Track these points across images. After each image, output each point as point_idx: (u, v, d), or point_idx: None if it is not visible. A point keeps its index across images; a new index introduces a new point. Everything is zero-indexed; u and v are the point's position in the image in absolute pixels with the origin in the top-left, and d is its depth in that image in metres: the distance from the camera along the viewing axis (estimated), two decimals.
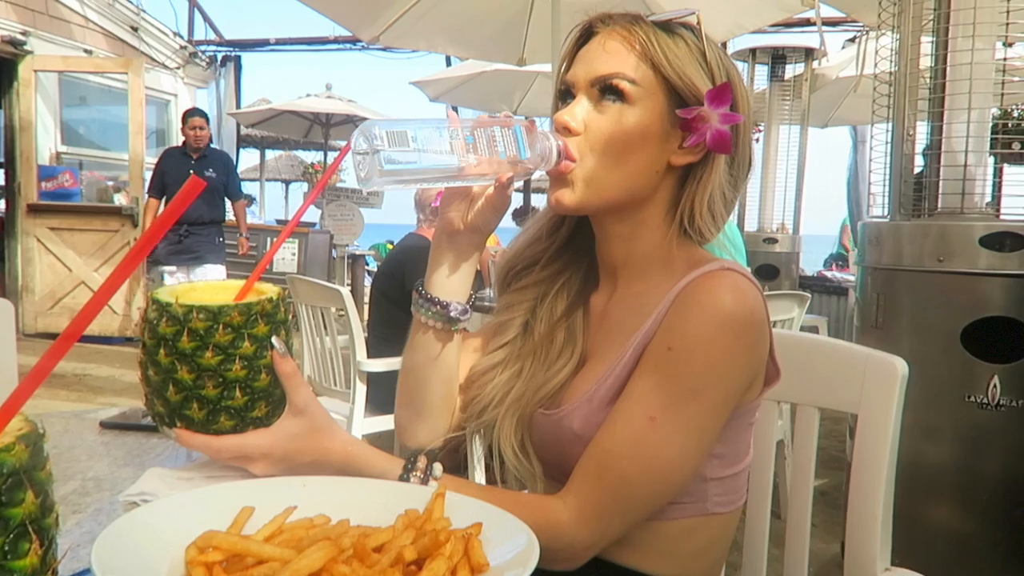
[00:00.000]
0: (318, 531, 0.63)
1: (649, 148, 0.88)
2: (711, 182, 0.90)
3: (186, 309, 0.75)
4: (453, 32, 4.72)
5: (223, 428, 0.79)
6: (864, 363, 1.10)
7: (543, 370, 0.96)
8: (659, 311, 0.87)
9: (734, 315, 0.83)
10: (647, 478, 0.84)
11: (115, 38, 7.86)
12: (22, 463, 0.43)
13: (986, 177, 2.21)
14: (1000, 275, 2.04)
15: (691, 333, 0.83)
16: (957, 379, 2.07)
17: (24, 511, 0.43)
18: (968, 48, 2.11)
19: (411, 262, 2.95)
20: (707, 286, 0.84)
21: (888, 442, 1.06)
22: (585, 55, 0.91)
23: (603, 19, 0.93)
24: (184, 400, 0.77)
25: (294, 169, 14.67)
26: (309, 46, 11.05)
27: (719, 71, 0.89)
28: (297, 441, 0.81)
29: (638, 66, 0.87)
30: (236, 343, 0.76)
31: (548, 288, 1.01)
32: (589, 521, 0.83)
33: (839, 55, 6.48)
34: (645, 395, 0.83)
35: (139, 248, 0.48)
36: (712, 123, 0.86)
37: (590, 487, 0.83)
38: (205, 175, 5.45)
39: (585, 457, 0.85)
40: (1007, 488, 2.09)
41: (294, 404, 0.82)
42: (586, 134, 0.88)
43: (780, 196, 5.56)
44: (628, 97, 0.87)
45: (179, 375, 0.76)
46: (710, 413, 0.84)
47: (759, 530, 1.19)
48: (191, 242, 5.57)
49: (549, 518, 0.81)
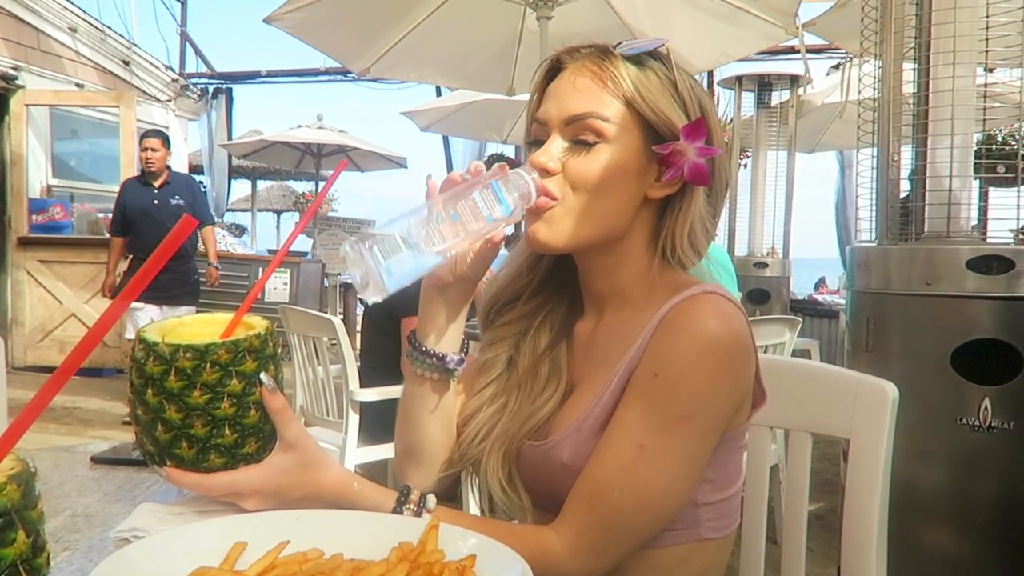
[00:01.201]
0: (311, 565, 0.63)
1: (627, 184, 0.88)
2: (691, 213, 0.90)
3: (172, 348, 0.75)
4: (443, 63, 4.77)
5: (213, 466, 0.78)
6: (855, 388, 1.11)
7: (529, 403, 0.96)
8: (643, 337, 0.87)
9: (719, 340, 0.83)
10: (639, 507, 0.84)
11: (106, 72, 7.91)
12: (14, 503, 0.43)
13: (971, 201, 2.23)
14: (988, 297, 2.05)
15: (677, 360, 0.83)
16: (948, 402, 2.08)
17: (15, 551, 0.43)
18: (949, 75, 2.15)
19: (399, 292, 2.93)
20: (691, 311, 0.85)
21: (880, 466, 1.06)
22: (556, 92, 0.90)
23: (571, 53, 0.92)
24: (173, 439, 0.76)
25: (285, 199, 14.72)
26: (300, 77, 11.13)
27: (691, 101, 0.90)
28: (288, 476, 0.81)
29: (611, 104, 0.87)
30: (224, 381, 0.76)
31: (530, 322, 1.01)
32: (583, 552, 0.82)
33: (824, 82, 6.56)
34: (633, 423, 0.84)
35: (131, 288, 0.49)
36: (689, 156, 0.87)
37: (583, 518, 0.83)
38: (171, 204, 5.06)
39: (577, 488, 0.85)
40: (1002, 511, 2.08)
41: (285, 439, 0.81)
42: (564, 173, 0.88)
43: (769, 221, 5.61)
44: (603, 136, 0.87)
45: (167, 415, 0.75)
46: (699, 439, 0.84)
47: (755, 555, 1.19)
48: (163, 280, 4.82)
49: (544, 549, 0.81)
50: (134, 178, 5.30)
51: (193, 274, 5.17)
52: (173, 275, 4.91)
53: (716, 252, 3.21)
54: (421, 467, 1.00)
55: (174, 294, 4.93)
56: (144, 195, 5.10)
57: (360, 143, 9.60)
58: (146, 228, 5.03)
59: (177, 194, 5.12)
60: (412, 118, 7.28)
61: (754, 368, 0.90)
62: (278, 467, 0.80)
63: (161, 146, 5.10)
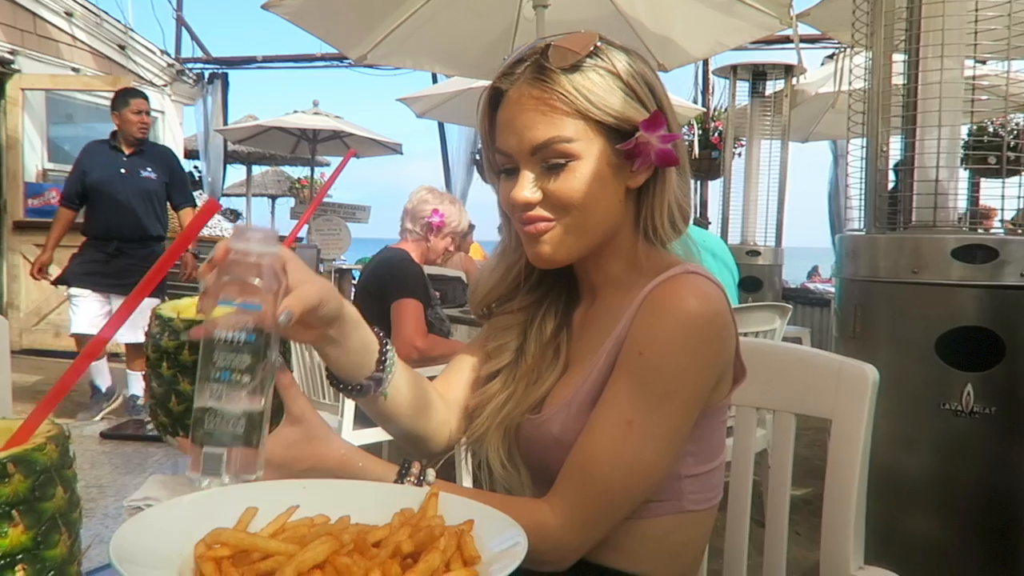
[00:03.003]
0: (320, 528, 0.67)
1: (608, 187, 0.91)
2: (667, 194, 0.94)
3: (187, 324, 0.79)
4: (439, 51, 4.78)
5: None
6: (838, 371, 1.15)
7: (532, 383, 1.00)
8: (627, 316, 0.91)
9: (700, 318, 0.87)
10: (628, 481, 0.88)
11: (103, 56, 7.88)
12: (53, 461, 0.47)
13: (957, 192, 2.27)
14: (972, 286, 2.10)
15: (661, 338, 0.87)
16: (932, 388, 2.13)
17: (55, 505, 0.47)
18: (937, 68, 2.18)
19: (390, 276, 2.94)
20: (672, 291, 0.88)
21: (860, 444, 1.11)
22: (510, 123, 0.91)
23: (507, 79, 0.92)
24: (186, 410, 0.80)
25: (280, 184, 14.68)
26: (296, 63, 11.10)
27: (637, 84, 0.91)
28: (294, 449, 0.84)
29: (567, 123, 0.88)
30: None
31: (535, 311, 1.04)
32: (576, 525, 0.86)
33: (818, 72, 6.60)
34: (621, 401, 0.88)
35: (149, 278, 0.52)
36: (653, 144, 0.89)
37: (575, 492, 0.87)
38: (140, 176, 4.28)
39: (568, 463, 0.89)
40: (983, 495, 2.14)
41: (292, 413, 0.85)
42: (546, 198, 0.90)
43: (763, 209, 5.65)
44: (572, 155, 0.89)
45: (181, 387, 0.79)
46: (683, 414, 0.88)
47: (740, 535, 1.24)
48: (122, 264, 4.21)
49: (538, 521, 0.84)
50: (101, 141, 4.43)
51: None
52: (131, 260, 4.24)
53: (713, 243, 3.25)
54: (425, 447, 1.04)
55: (131, 282, 4.00)
56: (110, 162, 4.27)
57: (356, 129, 9.59)
58: (106, 202, 4.23)
59: (150, 166, 4.33)
60: (408, 105, 7.28)
61: (734, 344, 0.94)
62: (285, 440, 0.84)
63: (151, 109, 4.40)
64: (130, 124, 4.26)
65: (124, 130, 4.30)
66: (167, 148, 4.79)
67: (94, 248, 4.29)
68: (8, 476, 0.44)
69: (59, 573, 0.47)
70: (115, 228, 4.24)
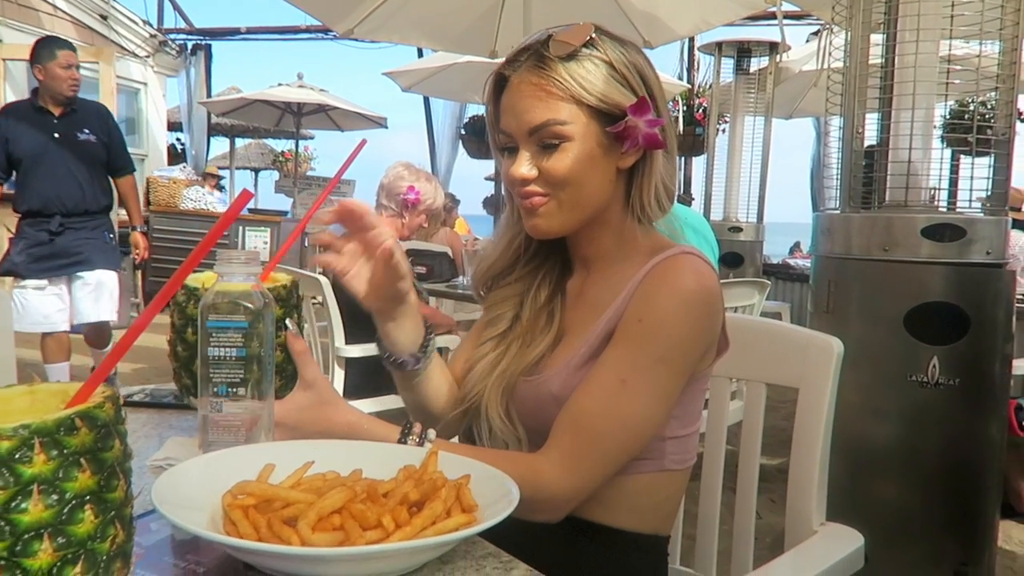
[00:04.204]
0: (333, 480, 0.75)
1: (598, 166, 1.00)
2: (654, 174, 1.03)
3: (212, 294, 0.86)
4: (426, 26, 4.80)
5: None
6: (806, 342, 1.24)
7: (526, 346, 1.08)
8: (628, 289, 1.00)
9: (696, 294, 0.97)
10: (619, 433, 0.96)
11: (84, 26, 7.82)
12: (111, 417, 0.55)
13: (929, 172, 2.35)
14: (940, 263, 2.19)
15: (660, 309, 0.96)
16: (900, 361, 2.23)
17: (113, 455, 0.54)
18: (913, 52, 2.25)
19: None
20: (672, 268, 0.98)
21: (825, 410, 1.19)
22: (511, 106, 1.00)
23: (511, 66, 1.01)
24: None
25: (264, 157, 14.61)
26: (280, 35, 11.03)
27: (630, 73, 0.99)
28: (306, 412, 0.92)
29: (562, 107, 0.97)
30: (254, 323, 0.87)
31: (531, 282, 1.13)
32: (570, 472, 0.94)
33: (802, 49, 6.66)
34: (617, 361, 0.96)
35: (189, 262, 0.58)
36: (641, 128, 0.98)
37: (569, 441, 0.95)
38: (78, 139, 3.73)
39: (563, 415, 0.97)
40: (945, 461, 2.25)
41: (304, 379, 0.92)
42: (542, 174, 0.99)
43: (745, 186, 5.73)
44: (565, 136, 0.97)
45: None
46: (673, 378, 0.97)
47: (713, 498, 1.32)
48: (68, 241, 3.72)
49: (534, 469, 0.92)
50: (20, 103, 3.89)
51: (109, 231, 3.92)
52: (79, 235, 3.75)
53: (694, 219, 3.33)
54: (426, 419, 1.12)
55: (84, 255, 3.74)
56: (40, 126, 3.69)
57: (341, 102, 9.57)
58: (41, 174, 3.67)
59: (87, 127, 3.79)
60: (394, 78, 7.29)
61: (722, 319, 1.03)
62: (297, 404, 0.91)
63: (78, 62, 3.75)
64: (59, 80, 3.63)
65: (51, 87, 3.66)
66: (102, 105, 4.13)
67: (34, 227, 3.72)
68: (76, 429, 0.52)
69: (118, 513, 0.54)
70: (55, 201, 3.68)
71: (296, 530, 0.66)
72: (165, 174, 8.69)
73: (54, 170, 3.66)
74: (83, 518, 0.52)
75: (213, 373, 0.84)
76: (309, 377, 0.92)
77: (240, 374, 0.84)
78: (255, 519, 0.68)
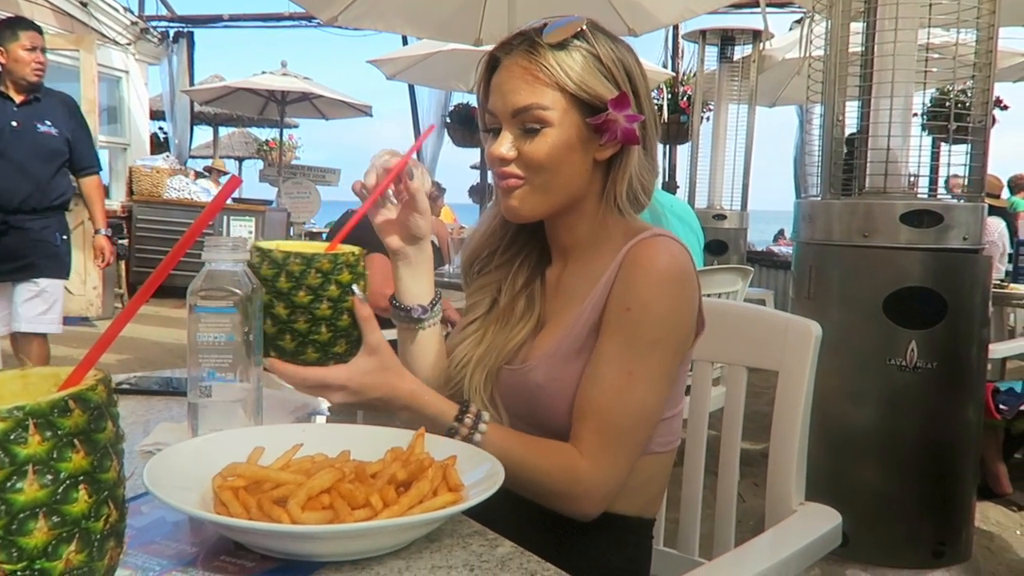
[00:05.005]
0: (321, 462, 0.77)
1: (576, 154, 1.02)
2: (629, 168, 1.05)
3: (284, 254, 0.90)
4: (411, 13, 4.79)
5: (309, 359, 0.92)
6: (785, 327, 1.26)
7: (505, 332, 1.10)
8: (606, 277, 1.02)
9: (673, 273, 1.00)
10: (639, 423, 1.00)
11: (64, 13, 7.72)
12: (103, 399, 0.56)
13: (908, 159, 2.39)
14: (918, 249, 2.23)
15: (643, 294, 0.98)
16: (879, 345, 2.27)
17: (106, 437, 0.56)
18: (891, 40, 2.28)
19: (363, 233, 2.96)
20: (647, 252, 1.00)
21: (804, 392, 1.22)
22: (499, 87, 1.03)
23: (504, 48, 1.04)
24: (279, 332, 0.90)
25: (248, 146, 14.50)
26: (263, 23, 10.94)
27: (616, 68, 1.02)
28: (370, 377, 0.93)
29: (546, 93, 0.99)
30: (324, 286, 0.90)
31: (508, 269, 1.15)
32: (602, 470, 0.97)
33: (786, 37, 6.68)
34: (618, 355, 0.99)
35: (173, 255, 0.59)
36: (620, 123, 1.00)
37: (596, 440, 0.98)
38: (37, 131, 3.36)
39: (584, 415, 0.99)
40: (922, 442, 2.30)
41: (369, 344, 0.94)
42: (520, 157, 1.02)
43: (730, 174, 5.77)
44: (546, 121, 1.00)
45: (276, 310, 0.90)
46: (672, 357, 1.01)
47: (695, 483, 1.35)
48: (12, 243, 3.32)
49: (574, 463, 0.96)
50: None
51: (62, 232, 3.53)
52: (24, 236, 3.35)
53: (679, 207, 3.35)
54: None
55: (31, 260, 3.37)
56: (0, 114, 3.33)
57: (325, 91, 9.53)
58: None
59: (48, 118, 3.41)
60: (379, 66, 7.25)
61: (699, 297, 1.06)
62: (362, 368, 0.93)
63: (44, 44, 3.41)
64: (21, 64, 3.30)
65: (14, 71, 3.32)
66: (70, 97, 3.69)
67: None
68: (70, 411, 0.53)
69: (111, 493, 0.56)
70: (3, 198, 3.31)
71: (286, 509, 0.67)
72: (148, 163, 8.63)
73: (6, 163, 3.30)
74: (77, 498, 0.53)
75: (202, 358, 0.85)
76: (374, 342, 0.94)
77: (229, 359, 0.85)
78: (245, 500, 0.69)
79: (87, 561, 0.54)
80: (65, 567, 0.52)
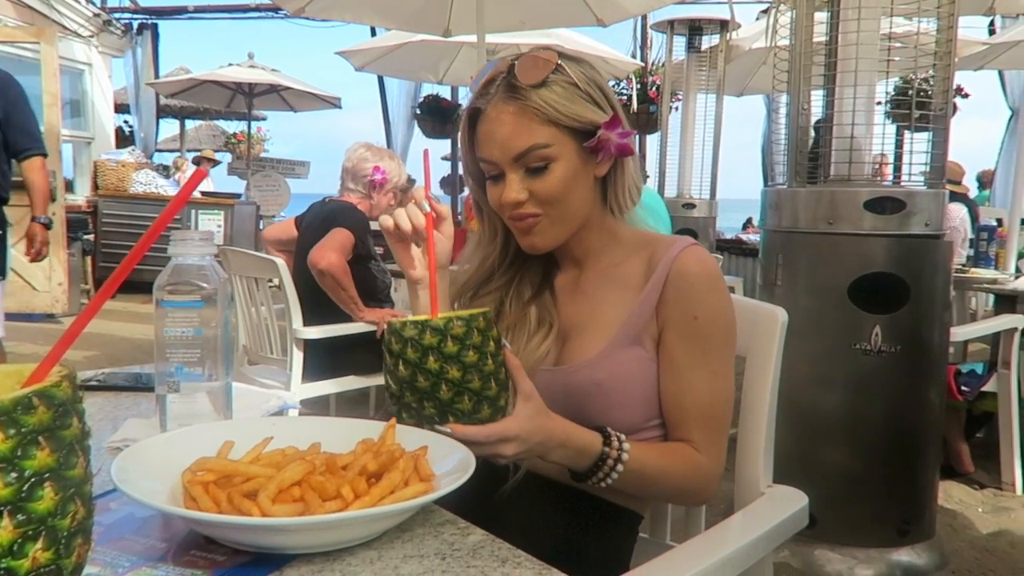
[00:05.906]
0: (292, 455, 0.77)
1: (581, 179, 1.08)
2: (627, 176, 1.13)
3: (445, 320, 0.89)
4: (379, 4, 4.75)
5: (484, 417, 0.90)
6: (753, 313, 1.28)
7: (522, 339, 1.13)
8: (653, 283, 1.08)
9: (719, 277, 1.11)
10: (727, 411, 1.11)
11: (24, 5, 7.56)
12: (68, 396, 0.56)
13: (871, 147, 2.43)
14: (882, 235, 2.27)
15: (705, 299, 1.08)
16: (845, 330, 2.30)
17: (71, 433, 0.55)
18: (855, 29, 2.31)
19: (340, 216, 2.99)
20: (695, 260, 1.09)
21: (770, 377, 1.24)
22: (491, 135, 1.06)
23: (483, 98, 1.07)
24: (455, 395, 0.89)
25: (215, 139, 14.32)
26: (230, 14, 10.78)
27: (593, 90, 1.07)
28: (532, 422, 0.94)
29: (541, 131, 1.04)
30: (484, 344, 0.90)
31: (509, 286, 1.18)
32: (715, 458, 1.09)
33: (752, 27, 6.73)
34: (701, 359, 1.08)
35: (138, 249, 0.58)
36: (613, 140, 1.06)
37: (705, 436, 1.08)
38: None
39: (686, 419, 1.09)
40: (887, 425, 2.34)
41: (523, 391, 0.95)
42: (532, 196, 1.06)
43: (698, 163, 5.81)
44: (549, 158, 1.05)
45: (450, 375, 0.88)
46: (733, 351, 1.13)
47: None
48: None
49: (698, 461, 1.08)
50: None
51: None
52: None
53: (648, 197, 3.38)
54: None
55: None
56: None
57: (293, 82, 9.42)
58: None
59: None
60: (347, 58, 7.19)
61: None
62: (525, 415, 0.94)
63: None
64: None
65: None
66: (5, 73, 3.19)
67: None
68: (34, 408, 0.52)
69: (78, 490, 0.55)
70: None
71: (256, 503, 0.68)
72: (113, 157, 8.48)
73: None
74: (43, 495, 0.53)
75: (170, 353, 0.85)
76: (527, 389, 0.95)
77: (197, 353, 0.85)
78: (215, 494, 0.69)
79: (54, 559, 0.53)
80: (32, 565, 0.52)
